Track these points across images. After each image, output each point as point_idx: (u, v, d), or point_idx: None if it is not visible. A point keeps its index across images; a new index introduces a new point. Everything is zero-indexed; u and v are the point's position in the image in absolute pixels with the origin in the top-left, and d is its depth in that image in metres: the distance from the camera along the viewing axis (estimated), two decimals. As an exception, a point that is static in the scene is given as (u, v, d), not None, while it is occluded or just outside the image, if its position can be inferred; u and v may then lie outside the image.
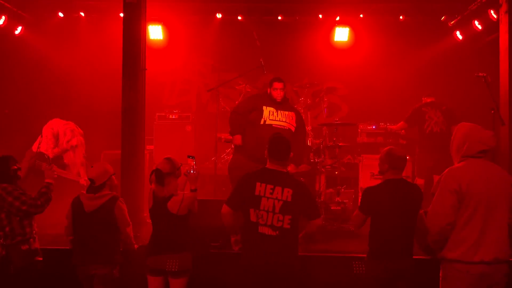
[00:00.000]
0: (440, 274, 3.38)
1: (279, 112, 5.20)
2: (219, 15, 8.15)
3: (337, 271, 4.45)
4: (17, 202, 3.77)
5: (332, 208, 5.96)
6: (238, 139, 5.20)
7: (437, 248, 3.29)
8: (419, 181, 6.67)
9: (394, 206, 3.54)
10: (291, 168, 5.06)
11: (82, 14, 8.07)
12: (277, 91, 5.20)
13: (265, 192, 3.38)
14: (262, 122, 5.13)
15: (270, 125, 5.12)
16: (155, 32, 8.10)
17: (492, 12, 6.64)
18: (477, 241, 3.11)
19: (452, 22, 7.94)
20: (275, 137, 3.62)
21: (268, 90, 5.28)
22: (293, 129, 5.23)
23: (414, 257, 3.64)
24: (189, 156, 4.03)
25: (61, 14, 8.03)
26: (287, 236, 3.39)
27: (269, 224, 3.35)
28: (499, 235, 3.15)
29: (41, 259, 3.95)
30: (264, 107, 5.18)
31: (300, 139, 5.32)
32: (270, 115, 5.17)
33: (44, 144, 5.91)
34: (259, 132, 5.07)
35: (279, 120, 5.17)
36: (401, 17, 8.07)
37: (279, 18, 8.20)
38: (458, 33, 7.94)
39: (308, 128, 6.47)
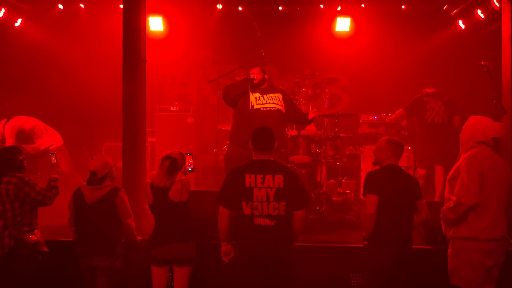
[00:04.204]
0: (449, 253, 3.55)
1: (264, 96, 5.28)
2: (219, 6, 8.10)
3: (338, 261, 4.46)
4: (33, 192, 3.86)
5: (333, 199, 5.96)
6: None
7: (452, 225, 3.50)
8: (420, 171, 6.66)
9: (395, 190, 3.57)
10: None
11: (82, 6, 8.05)
12: (253, 75, 5.32)
13: (255, 183, 3.38)
14: (250, 107, 5.22)
15: (259, 109, 5.20)
16: (156, 24, 8.08)
17: (494, 0, 6.58)
18: (491, 221, 3.37)
19: (455, 11, 7.88)
20: (257, 128, 3.63)
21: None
22: (283, 109, 5.28)
23: (414, 247, 3.68)
24: (186, 153, 4.03)
25: (60, 6, 8.01)
26: (284, 223, 3.39)
27: (265, 214, 3.35)
28: (505, 214, 3.45)
29: (47, 250, 4.00)
30: (250, 94, 5.25)
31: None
32: (257, 100, 5.25)
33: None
34: (249, 117, 5.14)
35: (266, 103, 5.24)
36: (403, 7, 8.01)
37: (280, 8, 8.15)
38: (460, 22, 7.88)
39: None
